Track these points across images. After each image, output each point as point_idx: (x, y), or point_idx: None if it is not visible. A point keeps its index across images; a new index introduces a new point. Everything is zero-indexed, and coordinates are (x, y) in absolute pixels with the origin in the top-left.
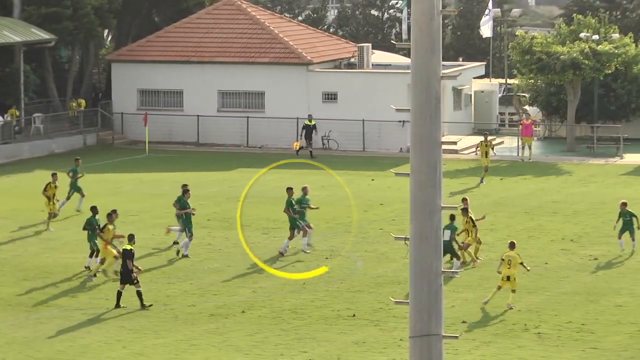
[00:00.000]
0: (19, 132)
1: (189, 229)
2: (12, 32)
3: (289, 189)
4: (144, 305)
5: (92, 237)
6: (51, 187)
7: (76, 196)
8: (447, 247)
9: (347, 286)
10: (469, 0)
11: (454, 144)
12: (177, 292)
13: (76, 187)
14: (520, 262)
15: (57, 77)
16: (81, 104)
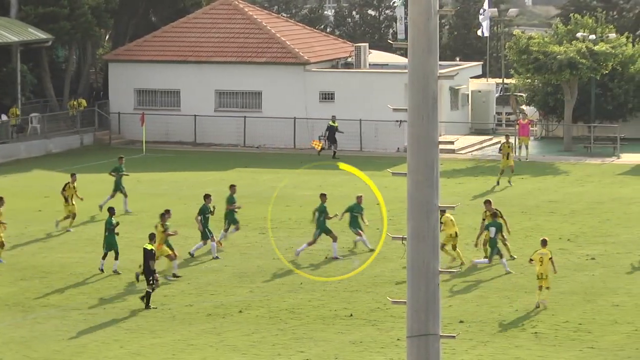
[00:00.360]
0: (20, 131)
1: (228, 225)
2: (9, 31)
3: (323, 195)
4: (149, 305)
5: (108, 238)
6: (69, 187)
7: (118, 196)
8: (493, 245)
9: (345, 286)
10: (466, 0)
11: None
12: (174, 292)
13: (120, 186)
14: (549, 258)
15: (54, 77)
16: (82, 103)
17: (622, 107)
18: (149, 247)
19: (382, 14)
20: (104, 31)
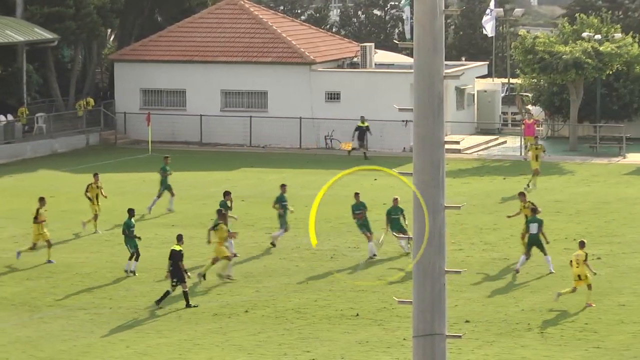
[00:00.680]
0: (29, 130)
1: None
2: (15, 31)
3: (357, 194)
4: (189, 304)
5: (129, 240)
6: (92, 187)
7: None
8: (535, 240)
9: (351, 286)
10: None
11: (456, 143)
12: (180, 292)
13: (166, 185)
14: (583, 260)
15: (59, 76)
16: (90, 102)
17: (628, 107)
18: (177, 248)
19: (388, 14)
20: (110, 31)
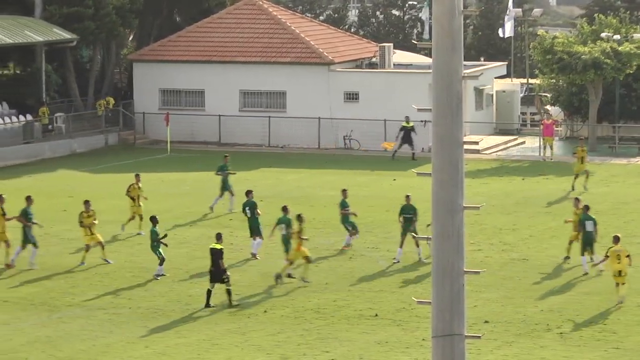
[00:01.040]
0: (51, 130)
1: (348, 226)
2: (34, 31)
3: (408, 196)
4: (232, 303)
5: (155, 247)
6: (134, 188)
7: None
8: (590, 239)
9: (369, 286)
10: (490, 0)
11: (475, 143)
12: (199, 292)
13: (227, 185)
14: (627, 255)
15: (78, 76)
16: (110, 102)
17: None
18: (217, 246)
19: (406, 14)
20: (129, 31)
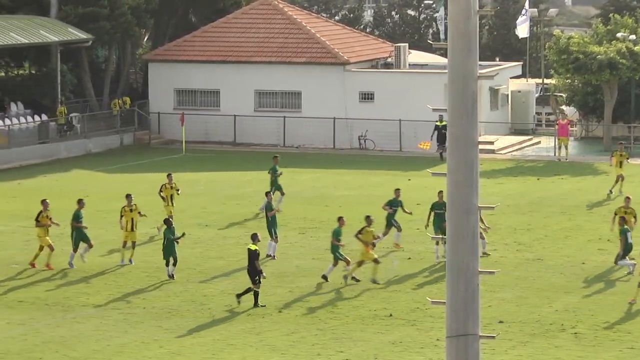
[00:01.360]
0: (69, 129)
1: (389, 225)
2: (49, 31)
3: (440, 192)
4: (257, 304)
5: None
6: (166, 188)
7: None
8: (630, 249)
9: (384, 286)
10: (505, 0)
11: (490, 143)
12: (214, 292)
13: (277, 185)
14: None
15: (93, 76)
16: (126, 101)
17: None
18: (253, 247)
19: (422, 14)
20: (144, 31)
